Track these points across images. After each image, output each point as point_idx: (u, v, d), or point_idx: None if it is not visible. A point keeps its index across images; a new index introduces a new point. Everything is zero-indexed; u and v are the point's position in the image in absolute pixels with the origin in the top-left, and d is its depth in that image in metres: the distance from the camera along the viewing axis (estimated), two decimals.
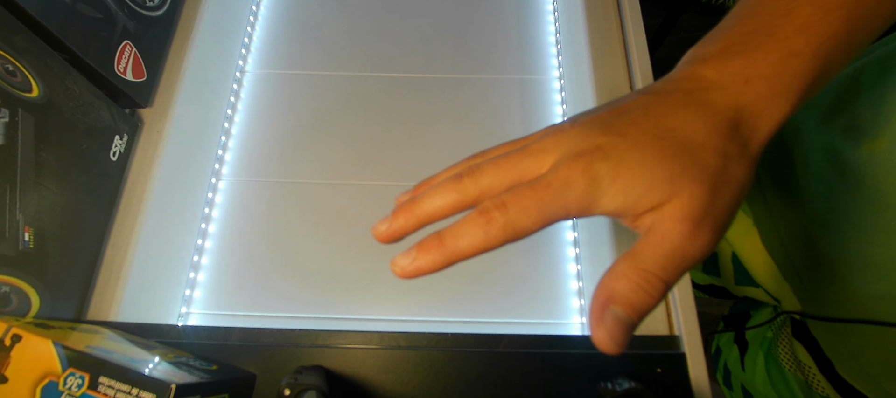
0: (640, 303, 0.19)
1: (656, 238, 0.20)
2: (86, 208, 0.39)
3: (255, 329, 0.37)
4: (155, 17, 0.47)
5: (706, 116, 0.21)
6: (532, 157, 0.22)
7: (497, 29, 0.57)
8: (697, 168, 0.19)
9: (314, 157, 0.50)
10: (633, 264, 0.20)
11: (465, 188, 0.23)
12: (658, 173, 0.20)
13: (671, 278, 0.19)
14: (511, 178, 0.22)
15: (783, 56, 0.20)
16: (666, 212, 0.19)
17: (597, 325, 0.20)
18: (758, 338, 0.52)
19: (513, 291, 0.45)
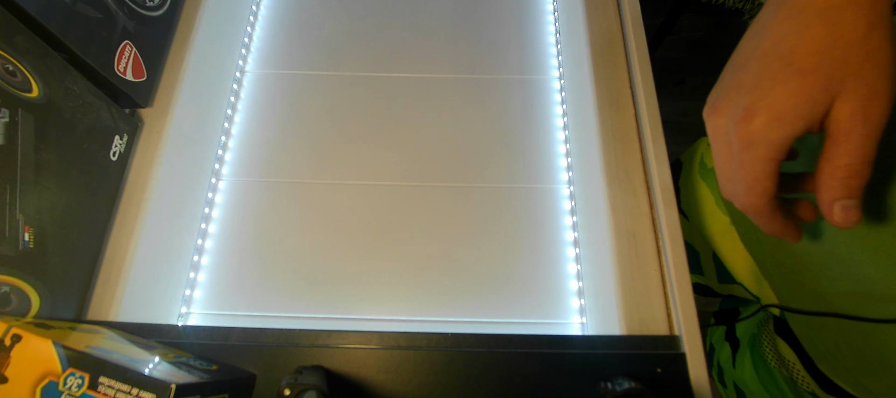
0: (853, 187, 0.24)
1: (841, 136, 0.23)
2: (86, 208, 0.39)
3: (255, 329, 0.37)
4: (155, 17, 0.47)
5: (817, 15, 0.24)
6: (718, 155, 0.28)
7: (497, 29, 0.57)
8: (839, 68, 0.23)
9: (314, 157, 0.50)
10: (832, 164, 0.24)
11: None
12: (811, 89, 0.23)
13: (867, 157, 0.23)
14: (724, 177, 0.28)
15: None
16: (842, 114, 0.23)
17: (833, 219, 0.25)
18: (746, 335, 0.52)
19: (513, 291, 0.45)
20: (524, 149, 0.51)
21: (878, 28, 0.23)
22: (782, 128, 0.24)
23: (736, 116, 0.26)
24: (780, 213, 0.27)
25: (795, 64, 0.24)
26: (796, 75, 0.24)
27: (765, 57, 0.25)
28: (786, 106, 0.24)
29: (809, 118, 0.24)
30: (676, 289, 0.38)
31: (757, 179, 0.26)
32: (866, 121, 0.23)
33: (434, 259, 0.46)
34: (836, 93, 0.23)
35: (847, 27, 0.23)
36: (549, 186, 0.49)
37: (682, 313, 0.37)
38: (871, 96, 0.23)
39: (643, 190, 0.43)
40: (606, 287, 0.41)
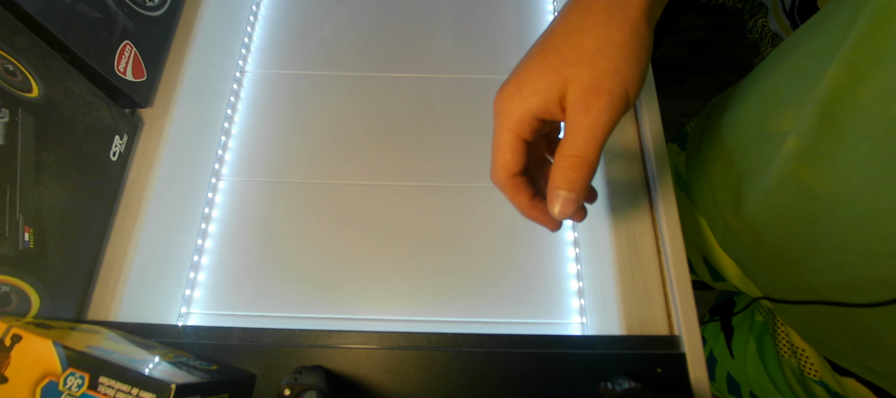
0: (572, 180, 0.24)
1: (568, 125, 0.24)
2: (86, 208, 0.39)
3: (255, 329, 0.37)
4: (155, 17, 0.47)
5: (577, 5, 0.25)
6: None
7: (497, 29, 0.57)
8: (573, 52, 0.23)
9: (314, 157, 0.50)
10: (560, 152, 0.24)
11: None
12: (546, 68, 0.24)
13: (586, 152, 0.23)
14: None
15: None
16: (569, 100, 0.23)
17: (551, 208, 0.25)
18: (745, 323, 0.53)
19: (513, 291, 0.45)
20: None
21: (622, 24, 0.23)
22: (520, 99, 0.24)
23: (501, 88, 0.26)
24: (527, 193, 0.27)
25: (547, 43, 0.25)
26: (541, 52, 0.25)
27: (540, 40, 0.26)
28: (526, 79, 0.25)
29: (544, 95, 0.24)
30: (676, 289, 0.38)
31: (498, 149, 0.26)
32: (587, 112, 0.23)
33: (434, 259, 0.46)
34: (567, 77, 0.23)
35: (598, 16, 0.24)
36: None
37: (682, 313, 0.37)
38: (595, 88, 0.23)
39: (643, 190, 0.43)
40: (606, 287, 0.41)
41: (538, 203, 0.27)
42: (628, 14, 0.23)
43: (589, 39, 0.23)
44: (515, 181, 0.27)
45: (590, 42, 0.23)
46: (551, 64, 0.24)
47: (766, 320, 0.50)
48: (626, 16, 0.23)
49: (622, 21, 0.23)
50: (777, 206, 0.36)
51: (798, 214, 0.35)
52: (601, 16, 0.24)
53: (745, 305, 0.53)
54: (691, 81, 1.38)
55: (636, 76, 0.23)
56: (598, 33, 0.23)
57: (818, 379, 0.44)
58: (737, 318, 0.54)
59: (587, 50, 0.23)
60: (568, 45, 0.24)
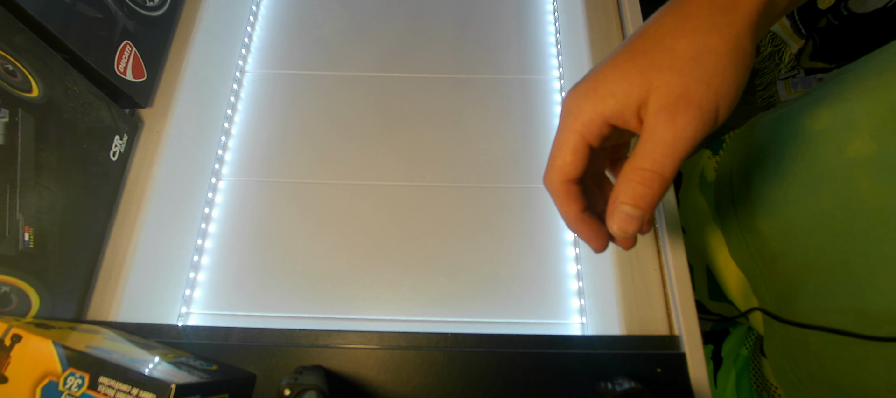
0: (640, 196, 0.21)
1: (645, 135, 0.21)
2: (86, 208, 0.39)
3: (255, 329, 0.37)
4: (155, 17, 0.47)
5: (675, 7, 0.22)
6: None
7: (497, 29, 0.57)
8: (664, 56, 0.21)
9: (314, 157, 0.50)
10: (630, 164, 0.22)
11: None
12: (630, 69, 0.21)
13: (663, 167, 0.21)
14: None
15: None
16: (650, 109, 0.21)
17: (610, 222, 0.23)
18: (732, 355, 0.52)
19: (513, 291, 0.45)
20: (524, 149, 0.51)
21: (725, 33, 0.21)
22: (594, 100, 0.22)
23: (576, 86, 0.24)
24: (578, 204, 0.25)
25: (634, 45, 0.22)
26: (626, 53, 0.22)
27: (626, 42, 0.24)
28: (605, 79, 0.22)
29: (622, 98, 0.21)
30: (676, 289, 0.38)
31: (559, 149, 0.24)
32: (671, 123, 0.20)
33: (434, 259, 0.46)
34: (653, 83, 0.21)
35: (698, 21, 0.21)
36: None
37: (682, 313, 0.37)
38: (684, 98, 0.20)
39: None
40: (606, 287, 0.41)
41: (588, 217, 0.25)
42: (733, 23, 0.21)
43: (684, 45, 0.21)
44: (569, 188, 0.24)
45: (684, 48, 0.21)
46: (637, 66, 0.21)
47: (749, 354, 0.49)
48: (731, 25, 0.21)
49: (725, 30, 0.21)
50: (820, 214, 0.34)
51: (839, 227, 0.32)
52: (702, 21, 0.21)
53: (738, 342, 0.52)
54: None
55: (731, 93, 0.21)
56: (696, 39, 0.21)
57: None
58: (726, 349, 0.53)
59: (680, 56, 0.21)
60: (659, 49, 0.21)
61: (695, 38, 0.21)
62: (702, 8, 0.21)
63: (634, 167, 0.21)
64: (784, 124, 0.39)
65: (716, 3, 0.21)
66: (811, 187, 0.35)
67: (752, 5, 0.21)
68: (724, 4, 0.21)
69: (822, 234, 0.34)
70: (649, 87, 0.21)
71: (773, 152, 0.39)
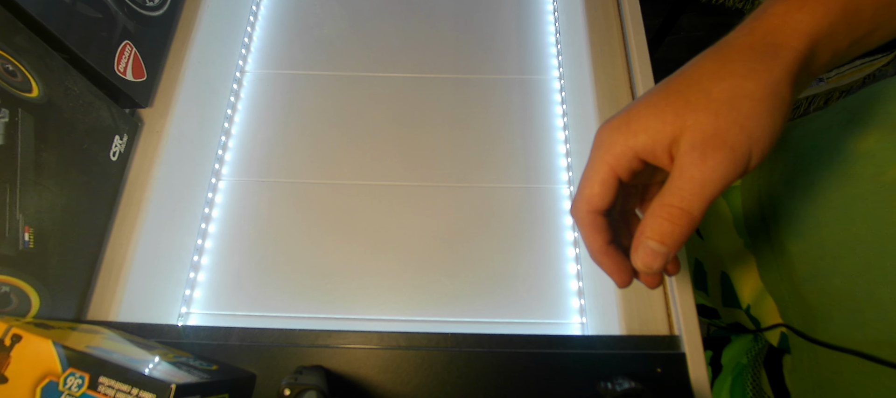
0: (666, 232, 0.22)
1: (675, 172, 0.21)
2: (86, 208, 0.39)
3: (255, 329, 0.37)
4: (155, 17, 0.47)
5: (715, 51, 0.23)
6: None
7: (497, 29, 0.57)
8: (699, 97, 0.21)
9: (314, 157, 0.50)
10: (659, 201, 0.22)
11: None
12: (664, 107, 0.22)
13: (691, 205, 0.21)
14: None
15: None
16: (682, 147, 0.21)
17: (634, 256, 0.23)
18: (731, 364, 0.51)
19: (513, 291, 0.45)
20: (524, 149, 0.51)
21: (762, 79, 0.21)
22: (626, 134, 0.23)
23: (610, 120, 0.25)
24: (604, 236, 0.25)
25: (670, 84, 0.23)
26: (662, 92, 0.23)
27: (664, 81, 0.24)
28: (639, 114, 0.23)
29: (654, 134, 0.22)
30: (676, 289, 0.38)
31: (588, 180, 0.24)
32: (702, 162, 0.20)
33: (434, 259, 0.46)
34: (686, 122, 0.21)
35: (737, 65, 0.21)
36: (549, 186, 0.49)
37: (682, 313, 0.37)
38: (717, 138, 0.20)
39: None
40: (606, 287, 0.41)
41: (613, 250, 0.25)
42: (772, 71, 0.21)
43: (720, 88, 0.21)
44: (596, 219, 0.25)
45: (721, 91, 0.21)
46: (671, 104, 0.22)
47: (748, 363, 0.48)
48: (770, 72, 0.21)
49: (764, 76, 0.21)
50: (851, 239, 0.33)
51: (868, 255, 0.32)
52: (740, 66, 0.21)
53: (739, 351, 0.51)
54: None
55: (765, 138, 0.20)
56: (732, 83, 0.21)
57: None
58: (726, 358, 0.52)
59: (716, 98, 0.21)
60: (695, 90, 0.22)
61: (732, 83, 0.21)
62: (741, 53, 0.22)
63: (663, 203, 0.22)
64: (822, 139, 0.38)
65: (756, 50, 0.21)
66: (844, 210, 0.34)
67: (792, 56, 0.21)
68: (764, 52, 0.21)
69: (851, 260, 0.33)
70: (682, 126, 0.21)
71: (808, 168, 0.38)
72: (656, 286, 0.26)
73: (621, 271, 0.25)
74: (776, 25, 0.22)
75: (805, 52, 0.21)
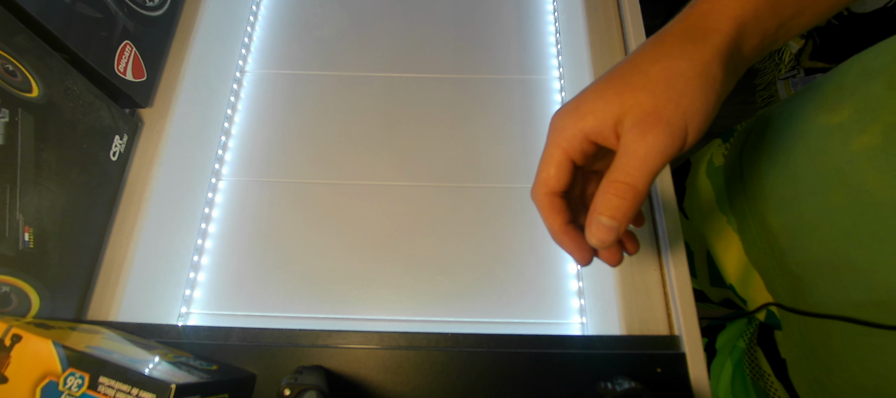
0: (615, 207, 0.23)
1: (620, 150, 0.23)
2: (86, 208, 0.39)
3: (255, 329, 0.37)
4: (155, 17, 0.47)
5: (654, 38, 0.25)
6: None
7: (497, 29, 0.57)
8: (638, 79, 0.23)
9: (314, 157, 0.50)
10: (607, 178, 0.24)
11: None
12: (608, 90, 0.24)
13: (636, 179, 0.23)
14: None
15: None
16: (625, 126, 0.23)
17: (588, 233, 0.24)
18: (728, 347, 0.52)
19: (513, 291, 0.45)
20: (524, 149, 0.51)
21: (694, 59, 0.23)
22: (574, 117, 0.24)
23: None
24: (562, 216, 0.26)
25: (615, 70, 0.25)
26: (607, 77, 0.25)
27: (610, 69, 0.26)
28: (586, 99, 0.25)
29: (600, 116, 0.24)
30: (676, 289, 0.38)
31: (543, 164, 0.26)
32: (642, 138, 0.22)
33: (434, 259, 0.46)
34: (627, 102, 0.23)
35: (671, 48, 0.23)
36: None
37: (682, 313, 0.37)
38: (653, 116, 0.22)
39: None
40: (606, 287, 0.41)
41: (572, 230, 0.26)
42: (702, 52, 0.23)
43: (657, 69, 0.23)
44: (553, 200, 0.26)
45: (657, 72, 0.23)
46: (614, 87, 0.24)
47: (746, 347, 0.50)
48: (700, 53, 0.23)
49: (695, 57, 0.23)
50: (828, 210, 0.35)
51: (845, 223, 0.33)
52: (674, 49, 0.23)
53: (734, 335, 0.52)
54: None
55: (699, 114, 0.22)
56: (667, 64, 0.23)
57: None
58: (721, 341, 0.53)
59: (653, 78, 0.23)
60: (635, 73, 0.24)
61: (667, 64, 0.23)
62: (675, 38, 0.24)
63: (610, 180, 0.23)
64: (797, 118, 0.40)
65: (688, 35, 0.24)
66: (819, 182, 0.36)
67: (721, 38, 0.23)
68: (695, 36, 0.23)
69: (827, 229, 0.35)
70: (624, 106, 0.23)
71: (786, 146, 0.40)
72: (617, 263, 0.27)
73: (581, 249, 0.26)
74: (706, 11, 0.24)
75: (733, 34, 0.23)
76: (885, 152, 0.31)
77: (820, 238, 0.36)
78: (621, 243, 0.28)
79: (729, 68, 0.23)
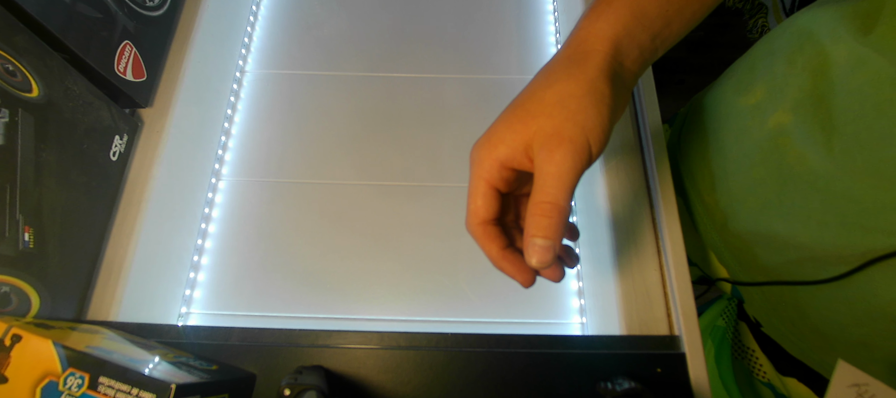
0: (543, 227, 0.24)
1: (536, 173, 0.25)
2: (86, 208, 0.39)
3: (255, 329, 0.37)
4: (155, 17, 0.47)
5: (544, 67, 0.27)
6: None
7: (497, 29, 0.57)
8: (536, 105, 0.25)
9: (314, 157, 0.50)
10: (531, 201, 0.25)
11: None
12: (513, 120, 0.26)
13: (555, 198, 0.24)
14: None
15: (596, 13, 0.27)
16: (534, 150, 0.25)
17: (527, 257, 0.25)
18: (708, 328, 0.54)
19: (512, 291, 0.45)
20: None
21: (579, 80, 0.25)
22: (489, 149, 0.26)
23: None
24: (498, 243, 0.27)
25: (516, 101, 0.27)
26: (511, 108, 0.27)
27: (513, 100, 0.28)
28: (495, 131, 0.27)
29: (510, 144, 0.25)
30: (676, 289, 0.38)
31: (470, 197, 0.27)
32: (551, 158, 0.24)
33: (434, 259, 0.46)
34: (530, 128, 0.25)
35: (558, 73, 0.26)
36: None
37: (682, 313, 0.37)
38: (556, 137, 0.24)
39: (643, 190, 0.43)
40: (606, 287, 0.41)
41: (510, 254, 0.28)
42: (585, 71, 0.25)
43: (550, 94, 0.25)
44: (487, 229, 0.27)
45: (551, 96, 0.25)
46: (517, 116, 0.26)
47: (726, 326, 0.51)
48: (584, 72, 0.25)
49: (579, 77, 0.25)
50: (753, 183, 0.38)
51: (768, 195, 0.36)
52: (562, 73, 0.26)
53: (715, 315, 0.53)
54: (691, 81, 1.38)
55: (596, 127, 0.24)
56: (558, 88, 0.25)
57: (766, 381, 0.45)
58: (702, 325, 0.56)
59: (548, 102, 0.25)
60: (532, 100, 0.26)
61: (558, 87, 0.25)
62: (561, 64, 0.26)
63: (534, 202, 0.24)
64: (720, 102, 0.43)
65: (573, 59, 0.26)
66: (743, 159, 0.39)
67: (600, 57, 0.26)
68: (578, 59, 0.26)
69: (752, 202, 0.38)
70: (529, 132, 0.25)
71: (713, 129, 0.43)
72: (560, 279, 0.28)
73: (522, 271, 0.27)
74: (584, 37, 0.27)
75: (610, 52, 0.26)
76: (796, 128, 0.33)
77: (748, 210, 0.39)
78: (560, 260, 0.29)
79: (615, 82, 0.26)
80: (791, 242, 0.35)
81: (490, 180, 0.27)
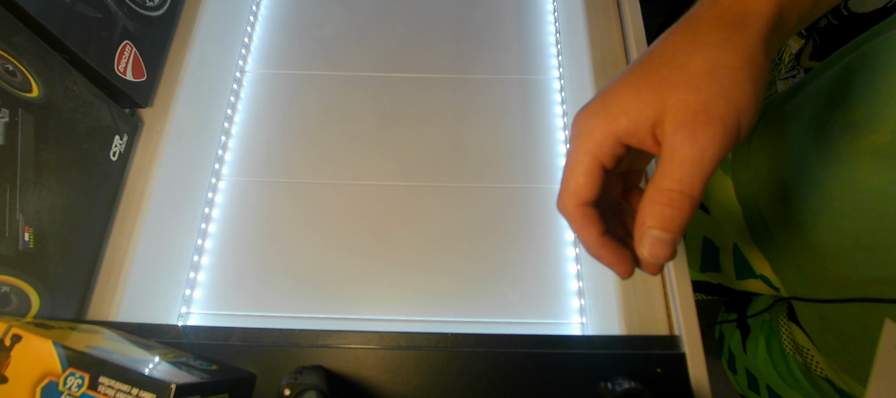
0: (669, 218, 0.20)
1: (666, 155, 0.20)
2: (86, 208, 0.39)
3: (255, 329, 0.37)
4: (155, 17, 0.47)
5: (683, 26, 0.22)
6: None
7: (497, 29, 0.57)
8: (676, 73, 0.20)
9: (314, 157, 0.50)
10: (655, 186, 0.21)
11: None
12: (642, 87, 0.21)
13: (690, 187, 0.20)
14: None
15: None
16: (668, 127, 0.20)
17: (639, 248, 0.21)
18: (758, 322, 0.53)
19: (513, 291, 0.45)
20: (524, 149, 0.51)
21: (738, 48, 0.20)
22: (605, 119, 0.22)
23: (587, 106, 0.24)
24: (597, 227, 0.23)
25: (644, 64, 0.22)
26: (637, 71, 0.22)
27: (635, 62, 0.23)
28: (616, 98, 0.22)
29: (635, 116, 0.21)
30: (676, 289, 0.38)
31: (571, 172, 0.23)
32: (692, 141, 0.20)
33: (434, 259, 0.46)
34: (668, 101, 0.20)
35: (709, 37, 0.21)
36: (549, 186, 0.49)
37: (682, 313, 0.37)
38: (704, 115, 0.20)
39: None
40: (606, 287, 0.41)
41: (610, 241, 0.24)
42: (746, 38, 0.20)
43: (697, 61, 0.20)
44: (586, 211, 0.23)
45: (698, 64, 0.20)
46: (649, 84, 0.21)
47: (771, 318, 0.51)
48: (744, 39, 0.20)
49: (738, 45, 0.20)
50: (824, 196, 0.35)
51: (842, 207, 0.33)
52: (713, 37, 0.21)
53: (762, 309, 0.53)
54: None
55: (750, 107, 0.20)
56: (709, 55, 0.20)
57: (823, 375, 0.44)
58: (753, 319, 0.55)
59: (695, 72, 0.20)
60: (671, 66, 0.21)
61: (708, 54, 0.20)
62: (711, 26, 0.21)
63: (660, 189, 0.20)
64: (795, 109, 0.39)
65: (725, 21, 0.21)
66: (820, 174, 0.35)
67: (762, 22, 0.21)
68: (733, 21, 0.21)
69: (828, 215, 0.35)
70: (664, 105, 0.20)
71: (787, 138, 0.40)
72: (658, 272, 0.25)
73: (622, 261, 0.24)
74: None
75: (773, 17, 0.21)
76: (889, 149, 0.30)
77: (821, 225, 0.36)
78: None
79: (770, 54, 0.21)
80: (883, 256, 0.31)
81: (599, 156, 0.22)
